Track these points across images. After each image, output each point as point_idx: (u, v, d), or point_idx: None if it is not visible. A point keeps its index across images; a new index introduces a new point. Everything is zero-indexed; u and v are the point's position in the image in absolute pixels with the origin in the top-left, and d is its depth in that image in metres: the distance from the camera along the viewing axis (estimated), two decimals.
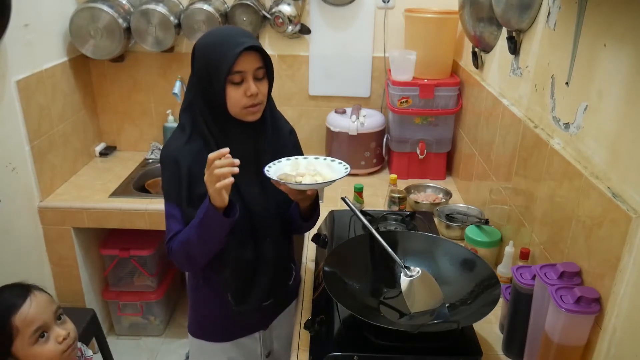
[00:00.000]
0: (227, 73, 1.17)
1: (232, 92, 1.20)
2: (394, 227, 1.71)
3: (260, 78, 1.23)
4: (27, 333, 1.10)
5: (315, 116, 2.61)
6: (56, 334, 1.14)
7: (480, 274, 1.29)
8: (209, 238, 1.20)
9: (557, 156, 1.24)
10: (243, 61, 1.18)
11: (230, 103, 1.22)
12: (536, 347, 1.14)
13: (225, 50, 1.17)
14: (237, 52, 1.16)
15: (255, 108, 1.23)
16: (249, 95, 1.20)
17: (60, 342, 1.13)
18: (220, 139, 1.25)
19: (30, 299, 1.12)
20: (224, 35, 1.22)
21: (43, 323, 1.12)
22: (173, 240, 1.25)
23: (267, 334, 1.51)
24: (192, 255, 1.24)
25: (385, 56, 2.48)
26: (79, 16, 2.24)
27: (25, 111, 2.01)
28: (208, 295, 1.40)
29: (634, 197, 0.95)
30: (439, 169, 2.37)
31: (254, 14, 2.35)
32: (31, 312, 1.11)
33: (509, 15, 1.53)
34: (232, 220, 1.18)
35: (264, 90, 1.24)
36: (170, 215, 1.26)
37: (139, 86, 2.59)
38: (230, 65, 1.16)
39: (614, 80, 1.03)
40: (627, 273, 0.95)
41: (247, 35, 1.23)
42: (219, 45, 1.19)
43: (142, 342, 2.58)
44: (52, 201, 2.18)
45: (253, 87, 1.20)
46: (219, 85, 1.19)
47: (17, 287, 1.15)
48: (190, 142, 1.25)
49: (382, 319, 1.24)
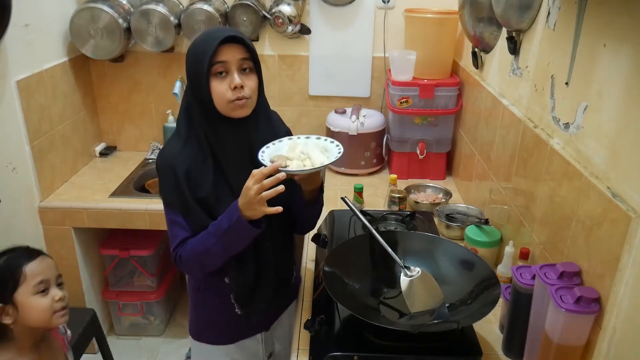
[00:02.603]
0: (209, 64, 1.15)
1: (216, 86, 1.18)
2: (394, 227, 1.71)
3: (246, 70, 1.20)
4: (31, 283, 1.24)
5: (315, 116, 2.62)
6: (54, 292, 1.28)
7: (480, 274, 1.29)
8: (232, 248, 1.20)
9: (557, 156, 1.24)
10: (225, 51, 1.16)
11: (215, 98, 1.19)
12: (536, 347, 1.14)
13: (207, 44, 1.16)
14: (216, 43, 1.15)
15: (242, 102, 1.19)
16: (233, 87, 1.17)
17: (57, 300, 1.27)
18: (214, 140, 1.23)
19: (40, 258, 1.29)
20: (209, 32, 1.21)
21: (46, 279, 1.27)
22: (182, 247, 1.23)
23: (269, 335, 1.50)
24: (208, 264, 1.24)
25: (385, 56, 2.48)
26: (79, 16, 2.24)
27: (26, 111, 2.02)
28: (210, 298, 1.39)
29: (633, 197, 0.95)
30: (439, 169, 2.37)
31: (254, 14, 2.35)
32: (39, 267, 1.27)
33: (508, 15, 1.53)
34: (259, 231, 1.17)
35: (251, 84, 1.20)
36: (173, 222, 1.25)
37: (139, 86, 2.59)
38: (210, 55, 1.15)
39: (614, 80, 1.03)
40: (627, 273, 0.95)
41: (233, 30, 1.21)
42: (203, 41, 1.19)
43: (142, 342, 2.58)
44: (52, 201, 2.18)
45: (237, 78, 1.17)
46: (203, 79, 1.17)
47: (30, 248, 1.32)
48: (186, 146, 1.23)
49: (382, 319, 1.24)
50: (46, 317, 1.25)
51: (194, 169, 1.21)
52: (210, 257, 1.22)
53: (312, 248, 1.73)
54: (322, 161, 1.19)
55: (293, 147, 1.24)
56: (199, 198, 1.21)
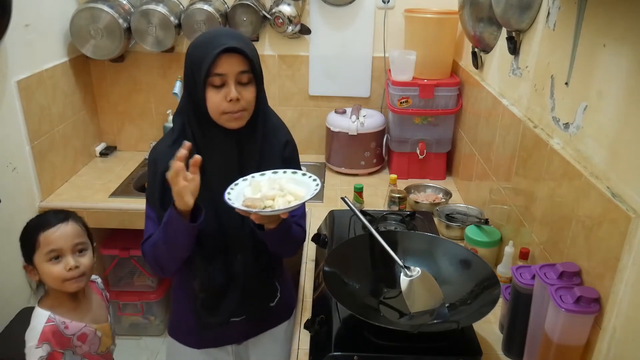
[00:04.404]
0: (206, 75, 1.12)
1: (211, 96, 1.14)
2: (394, 227, 1.72)
3: (244, 83, 1.16)
4: (44, 250, 1.29)
5: (315, 116, 2.62)
6: (67, 261, 1.30)
7: (480, 274, 1.29)
8: (173, 242, 1.16)
9: (556, 156, 1.25)
10: (223, 63, 1.12)
11: (209, 107, 1.16)
12: (536, 347, 1.14)
13: (206, 51, 1.12)
14: (215, 53, 1.10)
15: (237, 114, 1.16)
16: (228, 100, 1.14)
17: (68, 270, 1.29)
18: (202, 144, 1.20)
19: (60, 226, 1.31)
20: (211, 36, 1.16)
21: (58, 248, 1.30)
22: (147, 241, 1.23)
23: (243, 349, 1.45)
24: (160, 260, 1.21)
25: (385, 56, 2.48)
26: (79, 16, 2.24)
27: (26, 111, 2.02)
28: (182, 298, 1.37)
29: (633, 197, 0.95)
30: (439, 169, 2.37)
31: (254, 14, 2.35)
32: (53, 236, 1.30)
33: (508, 15, 1.53)
34: (195, 225, 1.12)
35: (247, 97, 1.17)
36: (147, 217, 1.24)
37: (139, 86, 2.59)
38: (208, 66, 1.11)
39: (614, 81, 1.03)
40: (627, 273, 0.95)
41: (234, 36, 1.16)
42: (203, 45, 1.14)
43: (142, 342, 2.58)
44: (52, 201, 2.18)
45: (233, 92, 1.13)
46: (199, 86, 1.14)
47: (60, 212, 1.36)
48: (174, 145, 1.17)
49: (382, 319, 1.24)
50: (57, 283, 1.30)
51: None
52: (159, 252, 1.19)
53: (312, 248, 1.73)
54: (303, 192, 1.14)
55: (257, 187, 1.18)
56: None
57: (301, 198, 1.14)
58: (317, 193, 1.14)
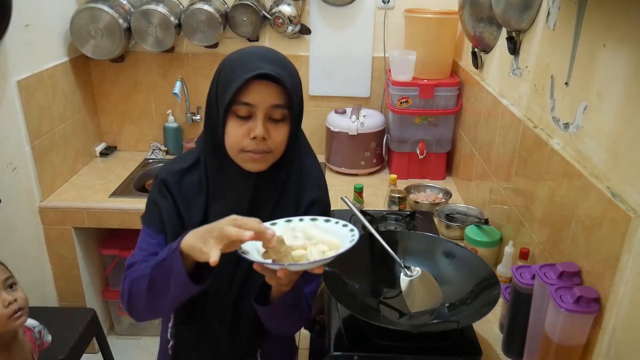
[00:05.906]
0: (230, 101, 0.91)
1: (232, 127, 0.94)
2: (394, 227, 1.72)
3: (276, 120, 0.95)
4: None
5: (315, 116, 2.62)
6: (2, 298, 1.27)
7: (480, 273, 1.29)
8: (158, 287, 0.91)
9: (556, 156, 1.25)
10: (255, 91, 0.91)
11: (227, 140, 0.95)
12: (536, 347, 1.14)
13: (237, 72, 0.91)
14: (246, 77, 0.89)
15: (258, 156, 0.95)
16: (252, 137, 0.93)
17: (6, 306, 1.26)
18: (214, 180, 1.01)
19: None
20: (247, 54, 0.95)
21: None
22: (132, 269, 1.00)
23: None
24: (136, 298, 0.96)
25: (385, 56, 2.48)
26: (79, 16, 2.24)
27: (26, 111, 2.02)
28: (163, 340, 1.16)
29: (633, 197, 0.95)
30: (439, 169, 2.37)
31: (254, 14, 2.35)
32: None
33: (508, 15, 1.53)
34: (196, 287, 0.88)
35: (277, 138, 0.95)
36: (143, 232, 1.05)
37: (139, 86, 2.59)
38: (235, 91, 0.90)
39: (614, 81, 1.03)
40: (627, 273, 0.95)
41: (275, 61, 0.94)
42: (236, 64, 0.94)
43: (142, 342, 2.58)
44: (52, 201, 2.18)
45: (260, 128, 0.92)
46: (220, 113, 0.94)
47: None
48: (187, 173, 1.03)
49: (382, 318, 1.24)
50: (1, 321, 1.26)
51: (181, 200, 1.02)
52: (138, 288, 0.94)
53: None
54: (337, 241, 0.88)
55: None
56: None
57: (337, 247, 0.86)
58: (355, 244, 0.86)
